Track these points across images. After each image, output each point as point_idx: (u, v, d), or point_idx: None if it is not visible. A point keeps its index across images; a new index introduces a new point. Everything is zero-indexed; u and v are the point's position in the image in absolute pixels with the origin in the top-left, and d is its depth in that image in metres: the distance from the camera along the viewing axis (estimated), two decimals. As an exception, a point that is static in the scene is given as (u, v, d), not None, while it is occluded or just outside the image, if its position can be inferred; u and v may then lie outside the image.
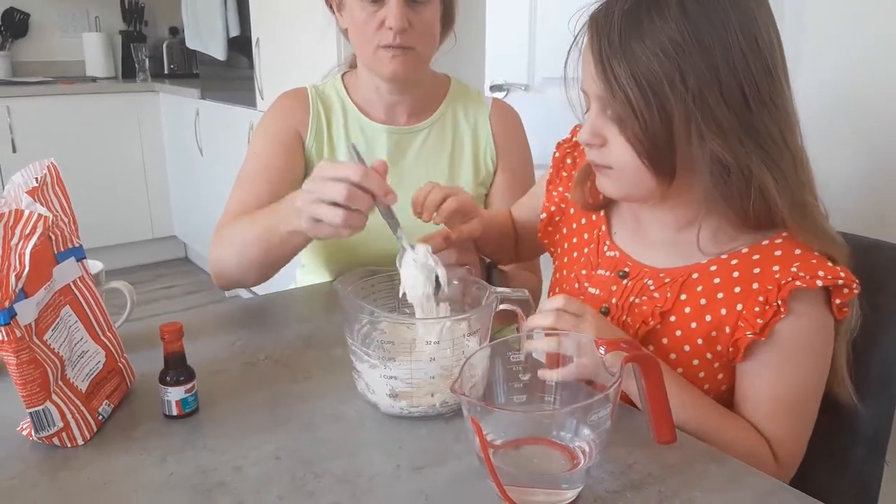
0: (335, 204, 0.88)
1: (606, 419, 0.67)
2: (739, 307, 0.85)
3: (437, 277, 0.89)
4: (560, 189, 1.12)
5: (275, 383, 0.93)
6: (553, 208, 1.12)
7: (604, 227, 1.02)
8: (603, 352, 0.72)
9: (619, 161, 0.86)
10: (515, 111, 1.43)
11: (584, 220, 1.06)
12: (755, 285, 0.85)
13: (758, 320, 0.83)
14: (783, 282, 0.82)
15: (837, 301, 0.82)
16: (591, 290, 0.99)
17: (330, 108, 1.34)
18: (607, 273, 0.98)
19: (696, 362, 0.89)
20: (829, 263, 0.83)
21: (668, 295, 0.90)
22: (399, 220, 0.93)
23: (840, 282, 0.81)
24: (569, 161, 1.12)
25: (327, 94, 1.35)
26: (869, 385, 0.92)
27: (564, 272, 1.06)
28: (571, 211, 1.09)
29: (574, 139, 1.12)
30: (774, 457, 0.85)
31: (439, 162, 1.33)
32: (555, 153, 1.14)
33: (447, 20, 1.30)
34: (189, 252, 4.31)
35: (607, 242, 1.00)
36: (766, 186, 0.82)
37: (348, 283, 0.90)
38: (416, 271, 0.89)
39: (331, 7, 1.30)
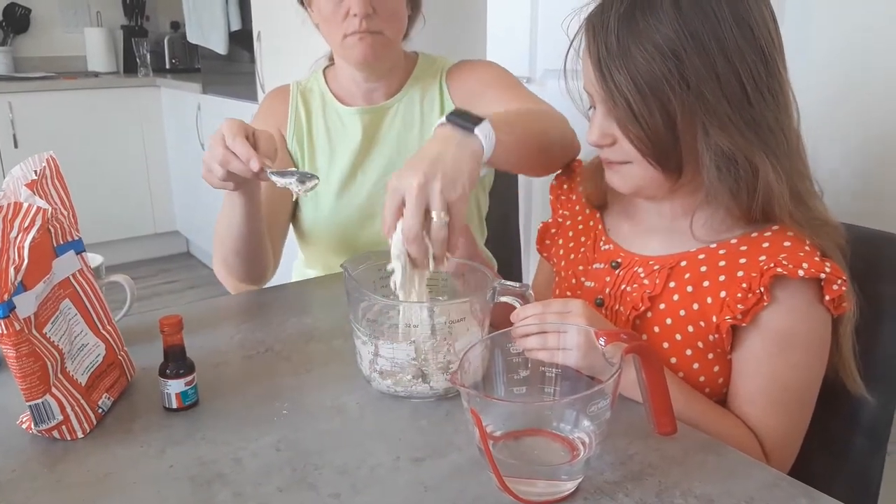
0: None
1: (606, 410, 0.66)
2: (723, 294, 0.86)
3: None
4: (560, 209, 1.14)
5: (275, 376, 0.93)
6: (549, 220, 1.15)
7: (600, 226, 1.03)
8: (603, 343, 0.72)
9: (630, 158, 0.87)
10: (481, 60, 1.41)
11: (580, 226, 1.08)
12: (740, 273, 0.85)
13: (738, 306, 0.83)
14: (765, 268, 0.82)
15: (827, 297, 0.82)
16: (587, 283, 1.00)
17: (310, 102, 1.38)
18: (602, 266, 0.99)
19: (689, 352, 0.89)
20: (817, 258, 0.82)
21: (657, 281, 0.91)
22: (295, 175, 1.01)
23: (823, 275, 0.80)
24: (565, 186, 1.14)
25: (310, 88, 1.39)
26: (870, 375, 0.91)
27: (563, 274, 1.08)
28: (568, 223, 1.11)
29: (562, 177, 1.15)
30: (764, 453, 0.85)
31: (410, 133, 1.35)
32: (552, 184, 1.16)
33: (414, 2, 1.31)
34: (191, 247, 4.31)
35: (603, 238, 1.02)
36: (769, 178, 0.82)
37: (358, 264, 0.93)
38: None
39: (302, 3, 1.32)
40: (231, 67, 3.20)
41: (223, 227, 1.18)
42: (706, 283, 0.88)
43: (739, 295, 0.84)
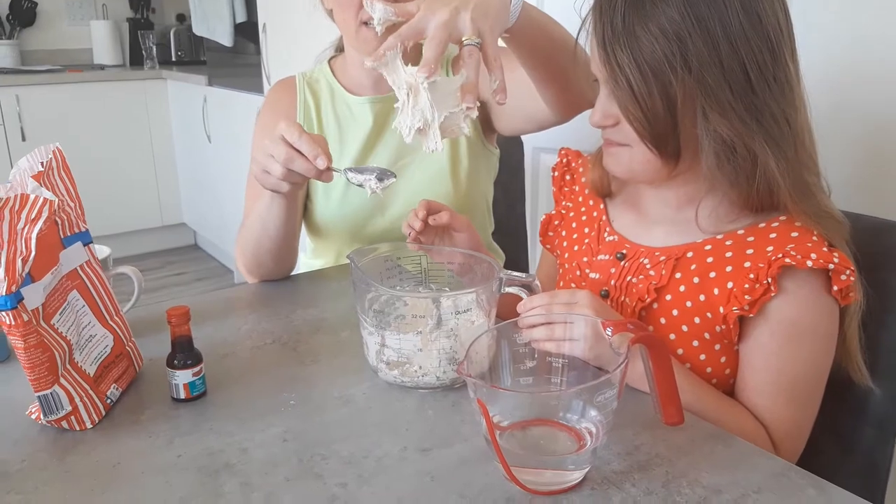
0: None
1: (613, 400, 0.66)
2: (730, 285, 0.85)
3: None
4: (563, 201, 1.14)
5: (282, 366, 0.94)
6: (553, 212, 1.15)
7: (604, 217, 1.03)
8: (610, 333, 0.71)
9: (629, 141, 0.87)
10: None
11: (584, 217, 1.07)
12: (747, 264, 0.85)
13: (746, 297, 0.83)
14: (773, 258, 0.82)
15: (835, 288, 0.82)
16: (592, 275, 1.00)
17: (318, 93, 1.37)
18: (607, 257, 0.99)
19: (695, 343, 0.89)
20: (825, 248, 0.82)
21: (664, 272, 0.91)
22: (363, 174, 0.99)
23: (832, 266, 0.80)
24: (567, 177, 1.14)
25: (316, 79, 1.38)
26: (878, 366, 0.91)
27: (567, 265, 1.08)
28: (571, 214, 1.11)
29: (565, 160, 1.14)
30: (773, 444, 0.85)
31: None
32: (553, 172, 1.16)
33: None
34: (198, 239, 4.32)
35: (607, 229, 1.02)
36: (769, 167, 0.82)
37: (364, 255, 0.93)
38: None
39: None
40: (237, 59, 3.21)
41: (257, 230, 1.15)
42: (713, 274, 0.87)
43: (747, 286, 0.83)
